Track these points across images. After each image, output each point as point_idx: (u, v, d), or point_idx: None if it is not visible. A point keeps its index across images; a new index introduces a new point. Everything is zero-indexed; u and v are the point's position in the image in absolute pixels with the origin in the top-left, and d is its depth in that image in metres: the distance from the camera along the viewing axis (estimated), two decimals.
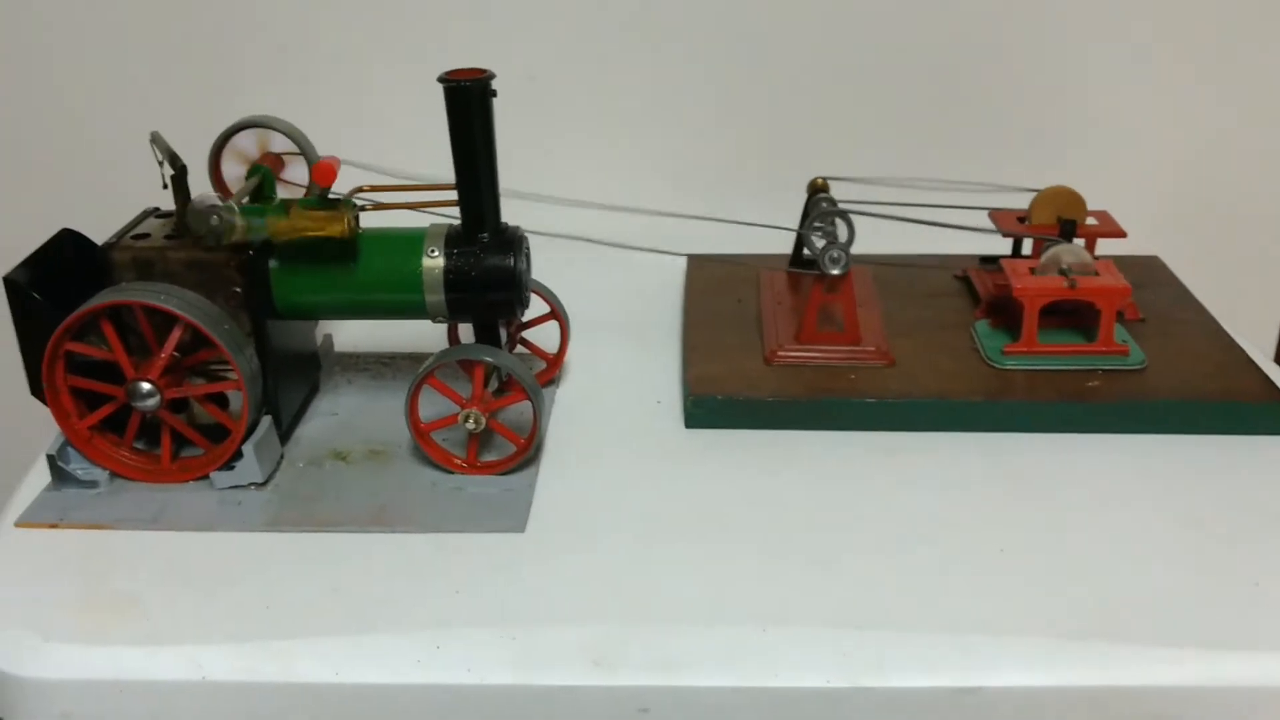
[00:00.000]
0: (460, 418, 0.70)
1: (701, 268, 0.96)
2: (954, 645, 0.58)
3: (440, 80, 0.67)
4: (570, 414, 0.78)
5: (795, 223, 0.92)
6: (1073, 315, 0.80)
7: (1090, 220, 0.86)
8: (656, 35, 1.00)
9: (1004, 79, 1.00)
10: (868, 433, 0.75)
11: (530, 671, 0.57)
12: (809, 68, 1.00)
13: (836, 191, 0.89)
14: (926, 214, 0.85)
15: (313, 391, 0.81)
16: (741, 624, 0.59)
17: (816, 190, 0.90)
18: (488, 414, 0.70)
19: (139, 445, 0.72)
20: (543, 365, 0.82)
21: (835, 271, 0.78)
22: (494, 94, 0.68)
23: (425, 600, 0.61)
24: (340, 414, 0.79)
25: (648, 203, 1.02)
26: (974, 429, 0.75)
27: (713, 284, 0.93)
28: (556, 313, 0.81)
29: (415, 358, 0.86)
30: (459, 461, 0.71)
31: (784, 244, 0.93)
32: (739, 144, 1.04)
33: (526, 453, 0.71)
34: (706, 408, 0.76)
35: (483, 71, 0.68)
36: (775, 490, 0.70)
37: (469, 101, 0.68)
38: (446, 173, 0.70)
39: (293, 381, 0.76)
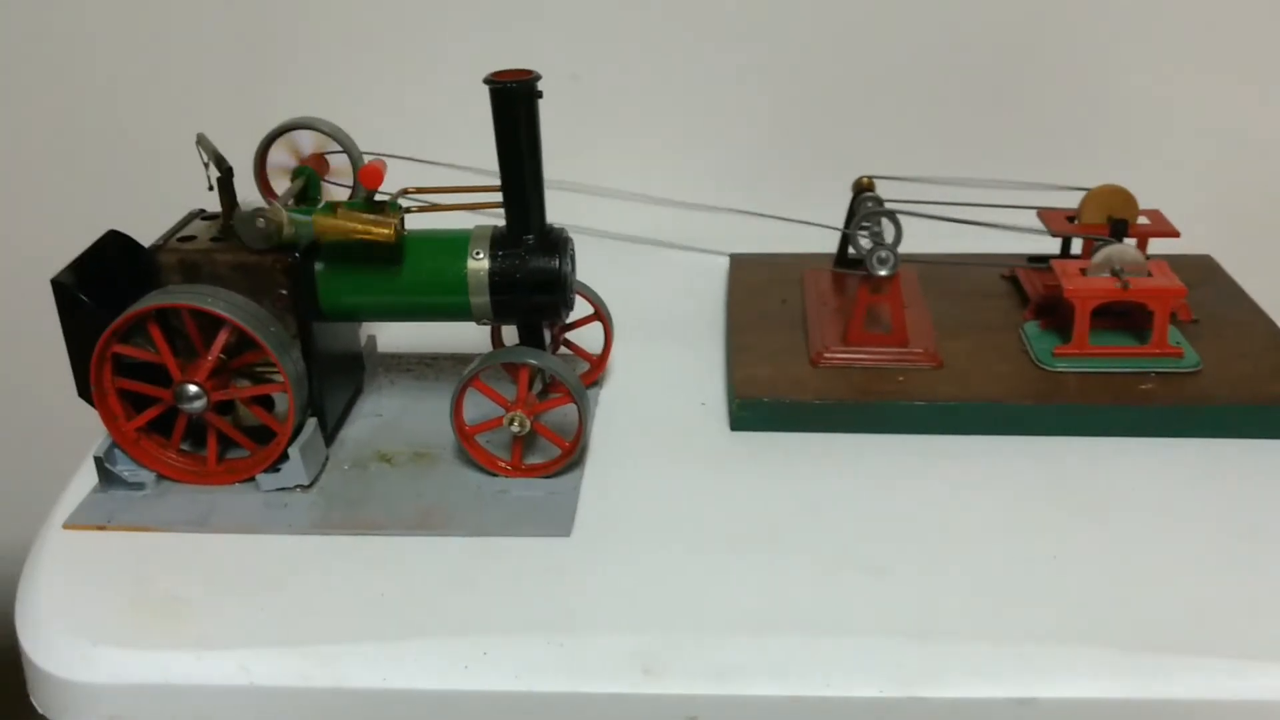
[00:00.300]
0: (505, 420, 0.69)
1: (744, 267, 0.95)
2: (1009, 655, 0.57)
3: (486, 82, 0.67)
4: (614, 416, 0.78)
5: (840, 222, 0.91)
6: (1124, 317, 0.79)
7: (1142, 220, 0.84)
8: (699, 35, 0.99)
9: (1052, 75, 0.99)
10: (916, 436, 0.74)
11: (579, 678, 0.57)
12: (853, 65, 0.99)
13: (882, 190, 0.88)
14: (973, 214, 0.84)
15: (357, 393, 0.81)
16: (793, 632, 0.58)
17: (862, 189, 0.89)
18: (532, 417, 0.69)
19: (185, 447, 0.72)
20: (586, 367, 0.82)
21: (883, 273, 0.77)
22: (540, 95, 0.68)
23: (472, 605, 0.61)
24: (384, 415, 0.79)
25: (692, 204, 1.02)
26: (1025, 433, 0.73)
27: (756, 284, 0.92)
28: (600, 314, 0.80)
29: (458, 358, 0.86)
30: (503, 464, 0.71)
31: (828, 244, 0.92)
32: (782, 144, 1.03)
33: (571, 456, 0.70)
34: (752, 411, 0.75)
35: (529, 73, 0.67)
36: (824, 495, 0.69)
37: (514, 103, 0.67)
38: (491, 170, 0.70)
39: (338, 383, 0.76)
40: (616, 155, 1.03)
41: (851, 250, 0.85)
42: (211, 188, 0.72)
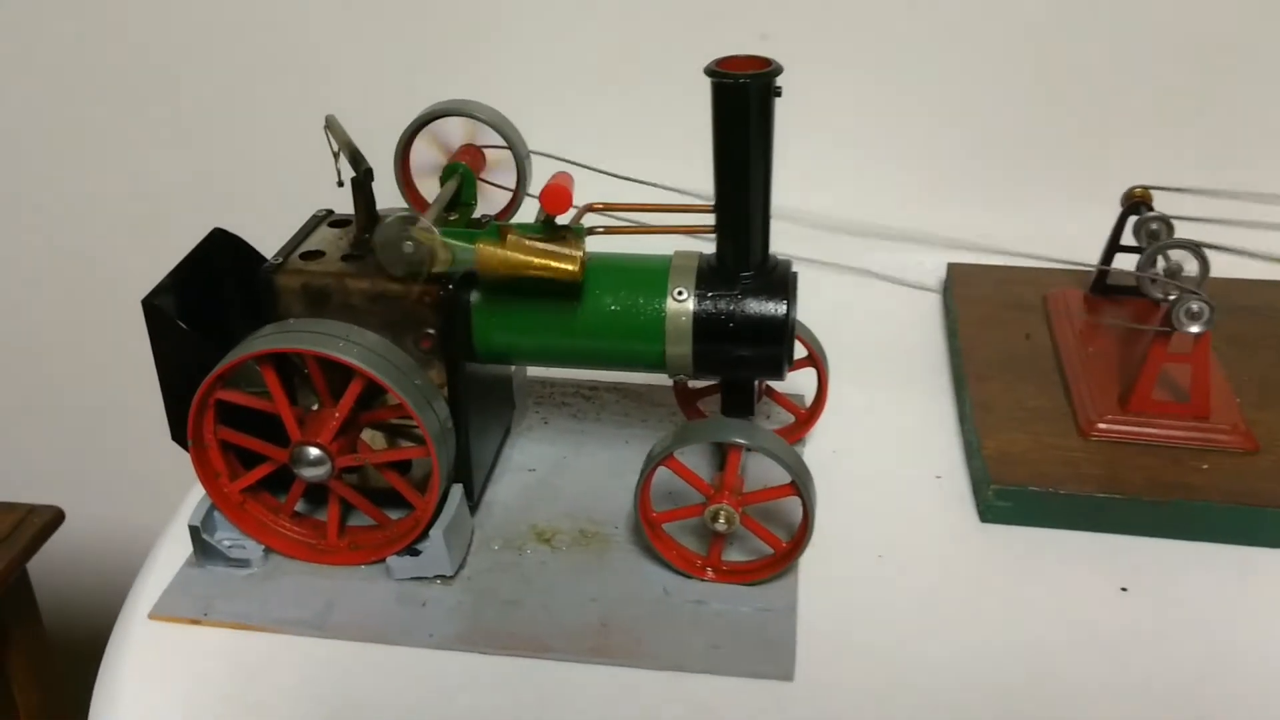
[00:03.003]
0: (706, 515, 0.54)
1: (968, 282, 0.78)
2: None
3: (709, 73, 0.50)
4: (827, 492, 0.61)
5: (1101, 240, 0.73)
6: None
7: None
8: None
9: None
10: (1231, 547, 0.57)
11: None
12: (1120, 35, 0.79)
13: (1160, 205, 0.70)
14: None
15: (505, 435, 0.66)
16: None
17: (1136, 203, 0.71)
18: (741, 509, 0.54)
19: (298, 508, 0.58)
20: (790, 420, 0.66)
21: (1195, 329, 0.59)
22: (778, 93, 0.51)
23: None
24: (538, 470, 0.64)
25: (900, 198, 0.84)
26: None
27: (986, 308, 0.75)
28: (815, 357, 0.63)
29: (622, 390, 0.70)
30: (699, 562, 0.56)
31: (1071, 249, 0.74)
32: (1024, 130, 0.83)
33: (789, 561, 0.55)
34: (1014, 501, 0.59)
35: (766, 62, 0.51)
36: (1127, 629, 0.53)
37: (744, 103, 0.51)
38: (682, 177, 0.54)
39: (487, 433, 0.61)
40: (808, 133, 0.85)
41: (1138, 275, 0.68)
42: (341, 184, 0.57)
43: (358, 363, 0.52)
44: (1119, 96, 0.80)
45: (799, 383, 0.65)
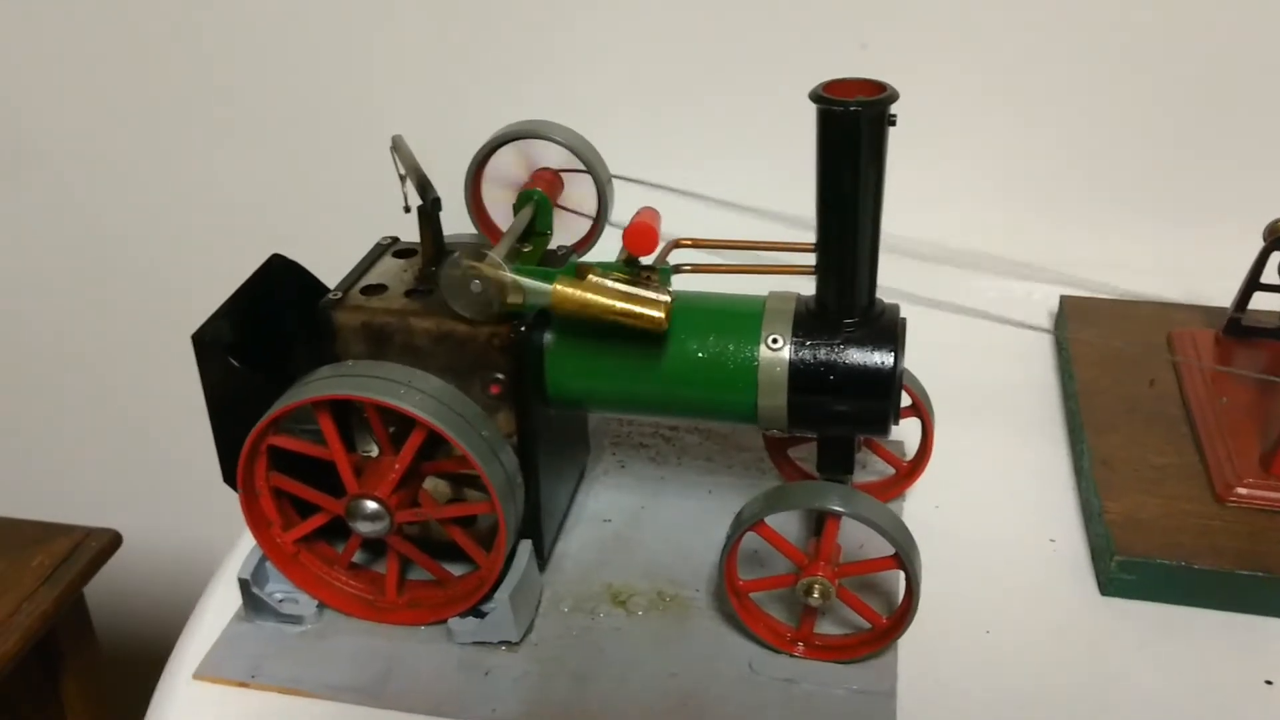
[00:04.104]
0: (799, 587, 0.49)
1: (1083, 317, 0.72)
2: None
3: (815, 99, 0.45)
4: (928, 554, 0.55)
5: (1230, 276, 0.66)
6: None
7: None
8: None
9: None
10: None
11: None
12: (1261, 44, 0.72)
13: None
14: None
15: (579, 479, 0.61)
16: None
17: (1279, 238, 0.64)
18: (837, 582, 0.49)
19: (355, 559, 0.54)
20: (890, 473, 0.60)
21: None
22: (892, 122, 0.46)
23: None
24: (614, 520, 0.59)
25: (1008, 225, 0.78)
26: None
27: (1105, 348, 0.68)
28: (919, 406, 0.58)
29: (704, 432, 0.65)
30: (789, 635, 0.51)
31: (1197, 282, 0.68)
32: (1147, 152, 0.76)
33: (890, 639, 0.49)
34: (1139, 574, 0.53)
35: (879, 87, 0.45)
36: None
37: (854, 133, 0.45)
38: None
39: (559, 483, 0.57)
40: (907, 152, 0.79)
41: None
42: (408, 209, 0.53)
43: (420, 412, 0.47)
44: (1256, 118, 0.73)
45: (899, 431, 0.60)
